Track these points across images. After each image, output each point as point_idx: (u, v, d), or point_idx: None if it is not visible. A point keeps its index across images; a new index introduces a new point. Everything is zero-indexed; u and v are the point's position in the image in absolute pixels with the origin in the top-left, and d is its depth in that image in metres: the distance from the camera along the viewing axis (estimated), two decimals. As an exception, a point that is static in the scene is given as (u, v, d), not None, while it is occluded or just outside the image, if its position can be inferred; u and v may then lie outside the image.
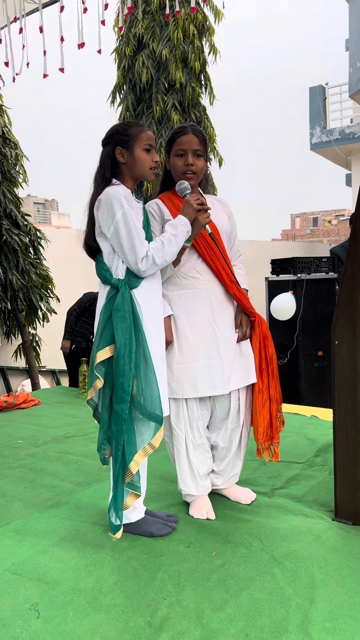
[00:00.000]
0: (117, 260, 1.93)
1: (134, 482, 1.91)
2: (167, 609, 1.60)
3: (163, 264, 1.93)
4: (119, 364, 1.84)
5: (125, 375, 1.84)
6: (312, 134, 11.73)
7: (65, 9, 3.31)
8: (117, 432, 1.86)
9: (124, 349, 1.84)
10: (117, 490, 1.90)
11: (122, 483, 1.89)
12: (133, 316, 1.87)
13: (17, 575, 1.79)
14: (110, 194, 1.88)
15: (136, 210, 1.96)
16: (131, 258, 1.88)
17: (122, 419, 1.85)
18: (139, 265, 1.88)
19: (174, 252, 1.95)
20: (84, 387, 4.74)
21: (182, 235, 1.96)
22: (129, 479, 1.89)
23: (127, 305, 1.87)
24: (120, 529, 1.92)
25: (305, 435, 3.27)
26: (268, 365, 2.22)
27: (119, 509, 1.90)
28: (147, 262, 1.89)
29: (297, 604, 1.61)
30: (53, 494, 2.49)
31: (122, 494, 1.91)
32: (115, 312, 1.87)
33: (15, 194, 6.91)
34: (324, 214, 42.09)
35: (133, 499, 1.93)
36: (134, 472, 1.88)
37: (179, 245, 1.96)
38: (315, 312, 5.03)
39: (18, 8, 3.56)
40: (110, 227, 1.88)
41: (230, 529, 2.07)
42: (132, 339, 1.85)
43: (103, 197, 1.89)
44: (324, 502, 2.29)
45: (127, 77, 7.75)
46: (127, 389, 1.84)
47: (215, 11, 7.58)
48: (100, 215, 1.90)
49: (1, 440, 3.39)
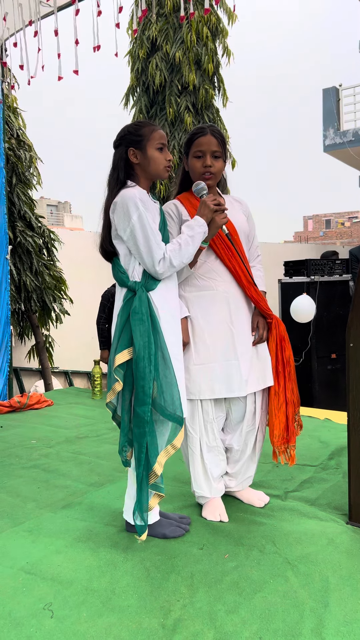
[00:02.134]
0: (133, 262, 1.93)
1: (157, 484, 1.90)
2: (180, 611, 1.60)
3: (180, 265, 1.93)
4: (139, 367, 1.84)
5: (146, 377, 1.83)
6: (326, 135, 11.68)
7: (80, 12, 3.33)
8: (139, 435, 1.86)
9: (143, 351, 1.84)
10: (142, 493, 1.89)
11: (147, 485, 1.89)
12: (151, 318, 1.87)
13: (31, 575, 1.80)
14: (125, 197, 1.88)
15: (152, 212, 1.95)
16: (148, 260, 1.88)
17: (144, 422, 1.84)
18: (157, 267, 1.88)
19: (191, 253, 1.94)
20: (96, 388, 4.76)
21: (198, 236, 1.96)
22: (153, 481, 1.89)
23: (145, 307, 1.87)
24: (145, 531, 1.90)
25: (318, 438, 3.26)
26: (285, 368, 2.20)
27: (144, 511, 1.89)
28: (165, 264, 1.89)
29: (311, 608, 1.60)
30: (66, 494, 2.50)
31: (147, 496, 1.90)
32: (133, 315, 1.87)
33: (29, 196, 6.97)
34: (337, 216, 41.86)
35: (156, 500, 1.93)
36: (158, 473, 1.88)
37: (195, 247, 1.95)
38: (328, 314, 5.01)
39: (33, 11, 3.59)
40: (126, 229, 1.88)
41: (243, 532, 2.06)
42: (151, 340, 1.85)
43: (118, 199, 1.89)
44: (337, 505, 2.28)
45: (140, 80, 7.78)
46: (147, 391, 1.84)
47: (228, 13, 7.59)
48: (117, 218, 1.90)
49: (15, 441, 3.41)
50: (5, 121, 5.10)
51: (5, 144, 4.97)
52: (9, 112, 6.70)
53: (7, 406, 4.28)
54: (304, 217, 44.45)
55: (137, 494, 1.90)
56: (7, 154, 6.30)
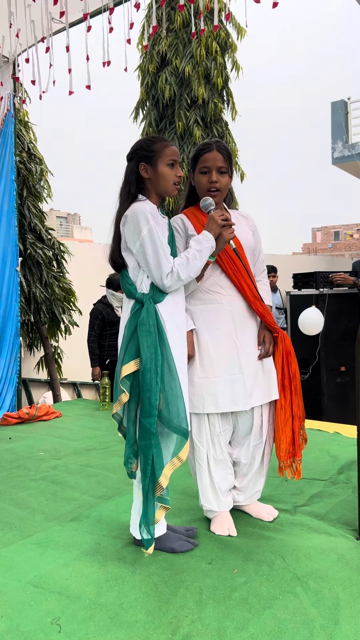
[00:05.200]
0: (142, 275, 1.95)
1: (163, 496, 1.90)
2: (188, 627, 1.59)
3: (188, 279, 1.95)
4: (146, 378, 1.85)
5: (152, 389, 1.84)
6: (334, 148, 11.71)
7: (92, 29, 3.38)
8: (145, 447, 1.86)
9: (149, 362, 1.85)
10: (148, 505, 1.89)
11: (153, 497, 1.89)
12: (158, 330, 1.88)
13: (39, 589, 1.80)
14: (136, 210, 1.90)
15: (162, 226, 1.98)
16: (156, 274, 1.90)
17: (150, 434, 1.85)
18: (164, 280, 1.90)
19: (198, 267, 1.96)
20: (104, 400, 4.75)
21: (206, 251, 1.97)
22: (159, 493, 1.88)
23: (152, 319, 1.88)
24: (152, 544, 1.90)
25: (328, 452, 3.23)
26: (291, 382, 2.20)
27: (150, 524, 1.89)
28: (172, 277, 1.90)
29: (321, 625, 1.58)
30: (74, 506, 2.49)
31: (153, 508, 1.90)
32: (141, 327, 1.88)
33: (39, 208, 7.03)
34: (346, 228, 41.82)
35: (162, 512, 1.92)
36: (164, 486, 1.88)
37: (203, 261, 1.97)
38: (337, 326, 4.99)
39: (45, 28, 3.65)
40: (136, 242, 1.90)
41: (252, 546, 2.04)
42: (158, 352, 1.86)
43: (129, 213, 1.91)
44: (347, 520, 2.25)
45: (150, 94, 7.86)
46: (154, 403, 1.84)
47: (237, 28, 7.67)
48: (127, 231, 1.92)
49: (23, 452, 3.42)
50: (16, 135, 5.17)
51: (16, 157, 5.03)
52: (21, 125, 6.79)
53: (15, 418, 4.29)
54: (313, 228, 44.47)
55: (143, 506, 1.89)
56: (18, 167, 6.36)
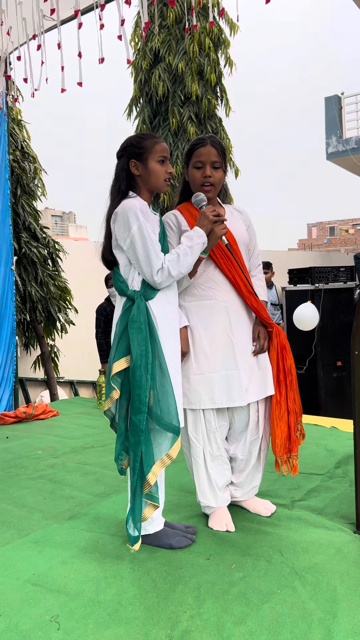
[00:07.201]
0: (133, 272, 1.95)
1: (152, 493, 1.91)
2: (187, 622, 1.59)
3: (179, 275, 1.94)
4: (136, 375, 1.85)
5: (142, 386, 1.84)
6: (328, 143, 11.71)
7: (82, 26, 3.36)
8: (134, 444, 1.86)
9: (140, 360, 1.85)
10: (135, 502, 1.90)
11: (141, 494, 1.89)
12: (149, 327, 1.89)
13: (38, 587, 1.80)
14: (126, 207, 1.90)
15: (152, 223, 1.98)
16: (147, 270, 1.90)
17: (139, 430, 1.85)
18: (155, 277, 1.90)
19: (189, 263, 1.96)
20: (101, 398, 4.76)
21: (197, 247, 1.97)
22: (147, 490, 1.89)
23: (143, 316, 1.88)
24: (138, 541, 1.91)
25: (325, 446, 3.24)
26: (286, 377, 2.20)
27: (137, 520, 1.90)
28: (163, 274, 1.90)
29: (319, 619, 1.59)
30: (72, 504, 2.49)
31: (141, 505, 1.91)
32: (131, 324, 1.88)
33: (34, 207, 7.01)
34: (341, 223, 41.86)
35: (151, 510, 1.93)
36: (152, 483, 1.88)
37: (194, 257, 1.97)
38: (333, 321, 5.00)
39: (37, 25, 3.64)
40: (126, 239, 1.90)
41: (250, 541, 2.05)
42: (148, 350, 1.86)
43: (119, 210, 1.91)
44: (345, 514, 2.26)
45: (143, 90, 7.84)
46: (143, 399, 1.84)
47: (230, 24, 7.65)
48: (117, 228, 1.92)
49: (21, 451, 3.41)
50: (9, 133, 5.15)
51: (10, 155, 5.01)
52: (14, 124, 6.76)
53: (12, 417, 4.28)
54: (308, 224, 44.50)
55: (131, 503, 1.90)
56: (12, 165, 6.34)
